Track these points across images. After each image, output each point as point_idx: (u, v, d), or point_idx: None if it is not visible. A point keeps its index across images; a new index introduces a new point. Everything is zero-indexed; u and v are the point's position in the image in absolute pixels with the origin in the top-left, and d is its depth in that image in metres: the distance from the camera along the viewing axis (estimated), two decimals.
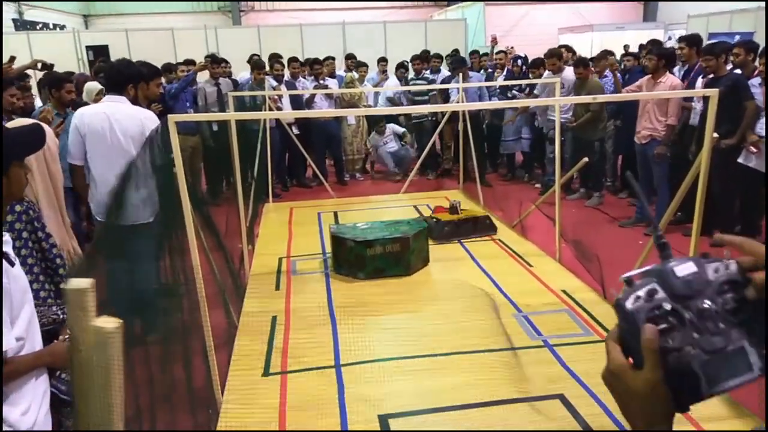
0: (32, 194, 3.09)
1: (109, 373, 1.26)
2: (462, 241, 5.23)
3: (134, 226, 3.64)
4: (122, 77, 3.89)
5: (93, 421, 1.29)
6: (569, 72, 7.05)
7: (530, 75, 7.63)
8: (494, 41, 10.66)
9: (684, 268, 0.70)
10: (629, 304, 0.71)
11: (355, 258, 4.45)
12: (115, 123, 3.72)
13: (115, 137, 3.71)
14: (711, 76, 5.43)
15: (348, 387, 3.06)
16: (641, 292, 0.71)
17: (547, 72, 7.38)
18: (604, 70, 7.17)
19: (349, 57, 9.53)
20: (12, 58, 5.14)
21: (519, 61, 8.26)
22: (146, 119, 3.78)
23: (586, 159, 5.12)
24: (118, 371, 1.28)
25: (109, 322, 1.25)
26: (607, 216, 6.46)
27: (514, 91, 7.85)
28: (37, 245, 2.45)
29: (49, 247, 2.48)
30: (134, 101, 3.95)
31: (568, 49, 8.69)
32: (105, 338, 1.24)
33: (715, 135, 3.05)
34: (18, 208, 2.35)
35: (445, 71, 8.94)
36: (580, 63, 6.87)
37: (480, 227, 5.40)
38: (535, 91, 7.51)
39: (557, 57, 7.21)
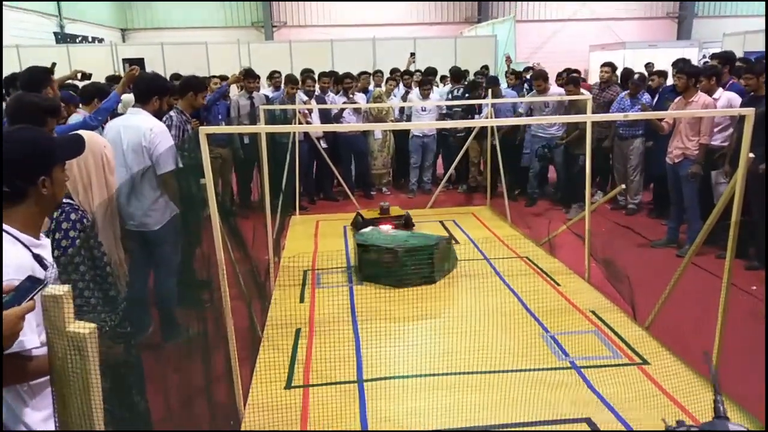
0: (89, 203, 3.16)
1: (87, 378, 1.26)
2: (490, 259, 5.19)
3: (141, 233, 3.78)
4: (149, 90, 4.04)
5: (74, 428, 1.28)
6: (556, 90, 7.48)
7: (533, 88, 7.98)
8: (508, 61, 11.31)
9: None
10: None
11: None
12: (124, 134, 3.86)
13: (121, 148, 3.83)
14: (751, 95, 5.32)
15: (370, 403, 3.04)
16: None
17: (556, 89, 7.67)
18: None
19: (363, 73, 9.53)
20: (53, 65, 5.22)
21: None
22: (149, 130, 3.84)
23: (623, 186, 5.16)
24: (95, 376, 1.27)
25: (83, 327, 1.24)
26: (638, 236, 6.33)
27: (519, 110, 7.91)
28: (89, 253, 2.49)
29: (100, 255, 2.52)
30: (158, 113, 4.08)
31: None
32: (80, 343, 1.24)
33: (751, 155, 2.96)
34: (73, 216, 2.40)
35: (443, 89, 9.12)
36: (571, 81, 7.14)
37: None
38: (519, 110, 7.81)
39: (543, 78, 7.48)
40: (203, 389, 2.97)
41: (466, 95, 8.15)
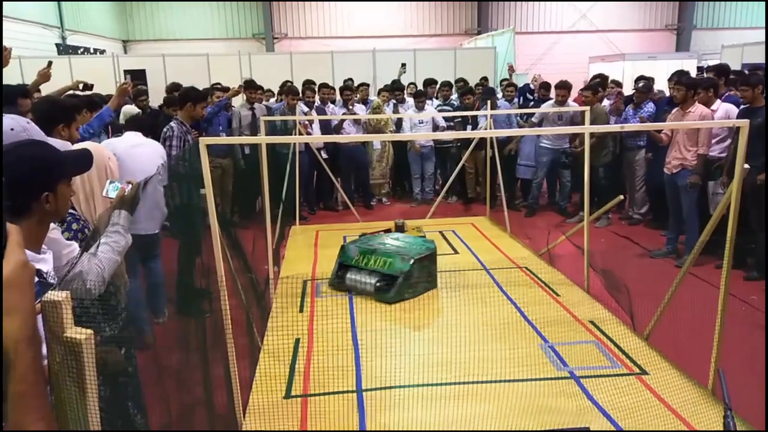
0: (90, 213, 3.18)
1: (83, 383, 1.27)
2: (489, 269, 5.21)
3: (139, 236, 3.78)
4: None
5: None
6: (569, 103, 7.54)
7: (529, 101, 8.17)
8: (511, 70, 11.41)
9: None
10: None
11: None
12: (153, 162, 3.91)
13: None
14: (746, 106, 5.36)
15: (369, 413, 3.04)
16: None
17: (549, 101, 7.73)
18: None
19: (363, 84, 9.62)
20: (49, 63, 5.12)
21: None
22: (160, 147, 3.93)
23: (621, 197, 5.20)
24: (90, 381, 1.28)
25: (80, 333, 1.26)
26: (638, 246, 6.34)
27: (533, 120, 7.97)
28: None
29: None
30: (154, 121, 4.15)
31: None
32: (77, 348, 1.26)
33: (746, 166, 2.98)
34: (75, 226, 2.41)
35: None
36: (589, 88, 7.11)
37: None
38: (533, 119, 7.82)
39: (567, 89, 7.46)
40: (202, 398, 2.97)
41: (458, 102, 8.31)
